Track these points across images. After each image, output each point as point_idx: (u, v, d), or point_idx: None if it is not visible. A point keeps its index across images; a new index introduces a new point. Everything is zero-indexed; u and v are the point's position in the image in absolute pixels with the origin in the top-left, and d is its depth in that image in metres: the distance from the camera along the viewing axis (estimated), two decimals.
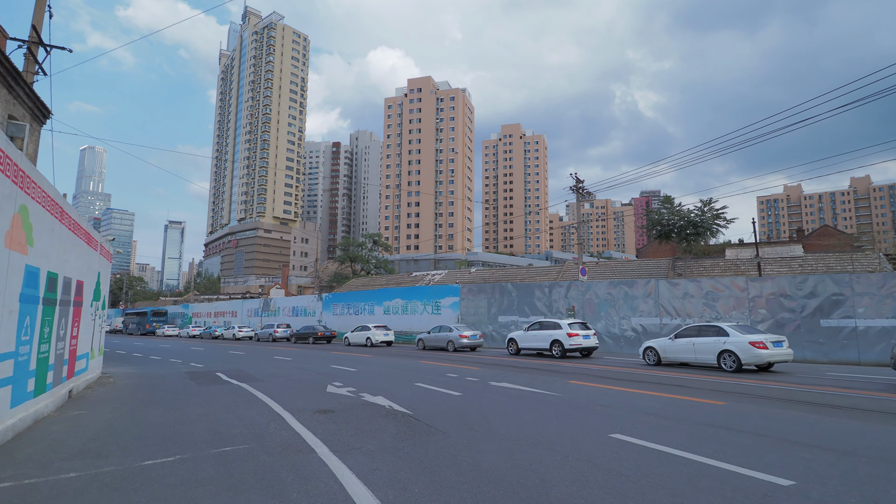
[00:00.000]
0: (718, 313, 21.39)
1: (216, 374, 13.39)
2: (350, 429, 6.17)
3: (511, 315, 26.17)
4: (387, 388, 9.92)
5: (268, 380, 11.72)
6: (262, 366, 15.73)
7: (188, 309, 60.07)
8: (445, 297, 28.64)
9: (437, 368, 14.22)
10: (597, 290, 24.07)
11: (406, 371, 13.56)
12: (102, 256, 12.15)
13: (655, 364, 14.75)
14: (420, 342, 24.29)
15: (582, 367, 14.59)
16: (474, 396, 8.73)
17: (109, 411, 7.82)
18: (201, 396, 9.17)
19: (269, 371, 13.93)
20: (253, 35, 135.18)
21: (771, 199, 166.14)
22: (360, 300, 34.56)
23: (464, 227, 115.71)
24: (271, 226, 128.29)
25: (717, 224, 27.27)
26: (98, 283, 11.71)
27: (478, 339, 22.65)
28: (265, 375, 12.72)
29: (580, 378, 11.49)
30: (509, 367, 14.33)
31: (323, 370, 13.97)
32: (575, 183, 25.26)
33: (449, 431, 5.92)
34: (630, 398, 8.46)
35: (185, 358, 19.97)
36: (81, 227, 9.74)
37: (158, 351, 25.18)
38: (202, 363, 17.19)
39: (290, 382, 11.15)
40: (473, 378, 11.48)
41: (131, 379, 12.55)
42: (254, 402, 8.43)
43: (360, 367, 14.90)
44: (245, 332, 39.00)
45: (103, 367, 15.39)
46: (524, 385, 10.11)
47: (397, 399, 8.42)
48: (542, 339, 18.41)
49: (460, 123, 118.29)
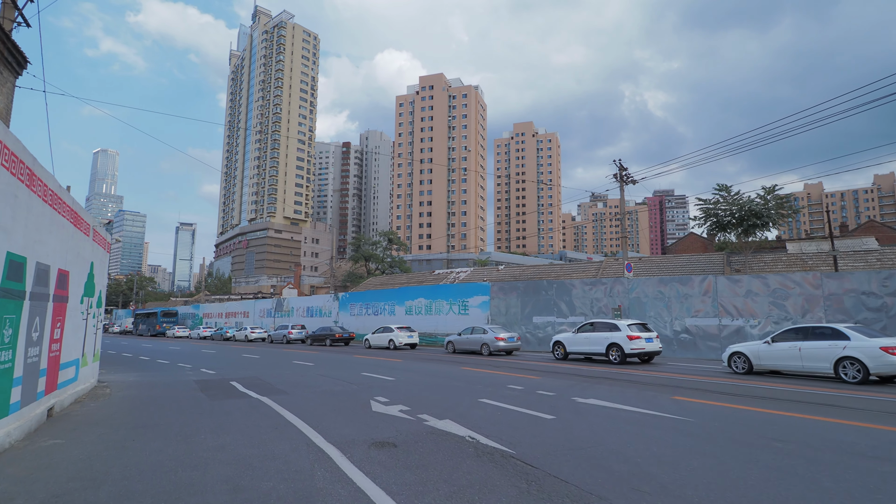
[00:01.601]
0: (788, 313, 19.06)
1: (231, 383, 11.41)
2: (435, 480, 4.10)
3: (547, 315, 23.99)
4: (447, 405, 7.85)
5: (293, 392, 9.71)
6: (282, 372, 13.75)
7: (199, 309, 58.54)
8: (474, 296, 26.52)
9: (488, 378, 12.12)
10: (645, 288, 21.82)
11: (454, 380, 11.47)
12: (97, 244, 10.22)
13: (746, 372, 12.51)
14: (449, 345, 22.21)
15: (660, 375, 12.40)
16: (576, 422, 6.61)
17: (93, 440, 5.84)
18: (214, 417, 7.16)
19: (292, 379, 11.93)
20: (263, 34, 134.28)
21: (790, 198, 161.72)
22: (379, 300, 32.54)
23: (476, 227, 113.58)
24: (282, 226, 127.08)
25: (781, 213, 24.80)
26: (91, 276, 9.78)
27: (515, 342, 20.51)
28: (288, 385, 10.72)
29: (681, 392, 9.32)
30: (574, 377, 12.19)
31: (354, 378, 11.94)
32: (619, 170, 23.01)
33: (602, 493, 3.82)
34: (802, 427, 6.28)
35: (196, 362, 18.08)
36: (65, 203, 7.79)
37: (167, 354, 23.37)
38: (214, 369, 15.26)
39: (321, 396, 9.12)
40: (547, 392, 9.36)
41: (132, 389, 10.61)
42: (283, 426, 6.40)
43: (397, 374, 12.85)
44: (258, 333, 37.21)
45: (102, 373, 13.53)
46: (622, 403, 7.97)
47: (474, 425, 6.33)
48: (596, 343, 16.24)
49: (473, 121, 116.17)
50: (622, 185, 23.03)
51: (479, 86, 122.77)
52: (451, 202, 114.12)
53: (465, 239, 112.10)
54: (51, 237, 7.00)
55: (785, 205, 25.25)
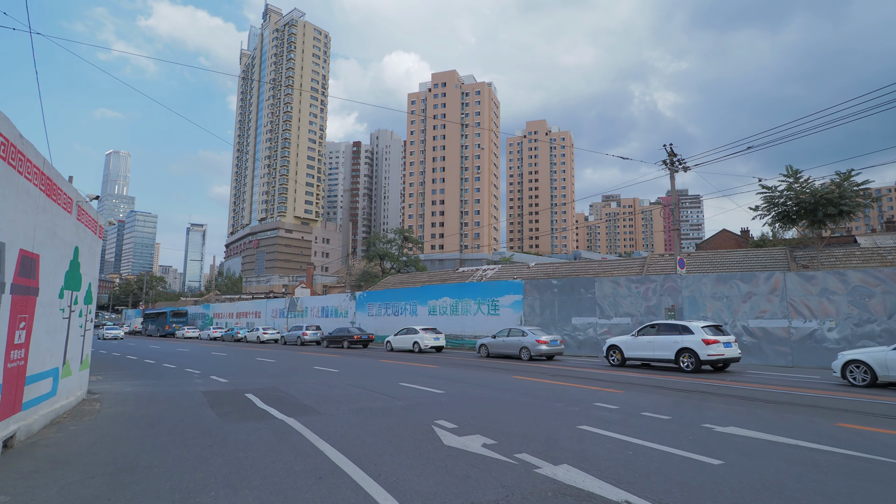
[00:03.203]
0: (871, 314, 16.78)
1: (246, 396, 9.47)
2: None
3: (588, 316, 21.82)
4: (541, 435, 5.79)
5: (324, 410, 7.73)
6: (304, 382, 11.79)
7: (209, 309, 57.01)
8: (504, 295, 24.40)
9: (557, 391, 10.06)
10: (700, 286, 19.60)
11: (518, 394, 9.42)
12: (83, 225, 8.30)
13: (868, 385, 10.31)
14: (482, 348, 20.15)
15: (767, 389, 10.25)
16: (757, 470, 4.52)
17: (50, 499, 3.87)
18: (228, 453, 5.18)
19: (318, 391, 9.96)
20: (274, 33, 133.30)
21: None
22: (399, 299, 30.54)
23: (490, 226, 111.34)
24: (292, 225, 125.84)
25: (858, 201, 22.35)
26: (75, 264, 7.87)
27: (558, 346, 18.40)
28: (317, 401, 8.74)
29: (838, 416, 7.17)
30: (664, 390, 10.08)
31: (393, 391, 9.94)
32: (668, 155, 20.80)
33: None
34: None
35: (205, 367, 16.22)
36: (33, 162, 5.86)
37: (175, 357, 21.59)
38: (226, 376, 13.36)
39: (363, 418, 7.11)
40: (655, 414, 7.24)
41: (127, 405, 8.70)
42: (329, 473, 4.39)
43: (442, 385, 10.82)
44: (270, 334, 35.42)
45: (97, 380, 11.66)
46: (779, 434, 5.86)
47: (610, 474, 4.27)
48: (663, 347, 14.09)
49: (486, 118, 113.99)
50: (672, 172, 20.81)
51: (493, 83, 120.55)
52: (463, 201, 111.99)
53: (478, 239, 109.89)
54: (4, 203, 5.08)
55: (863, 192, 22.77)
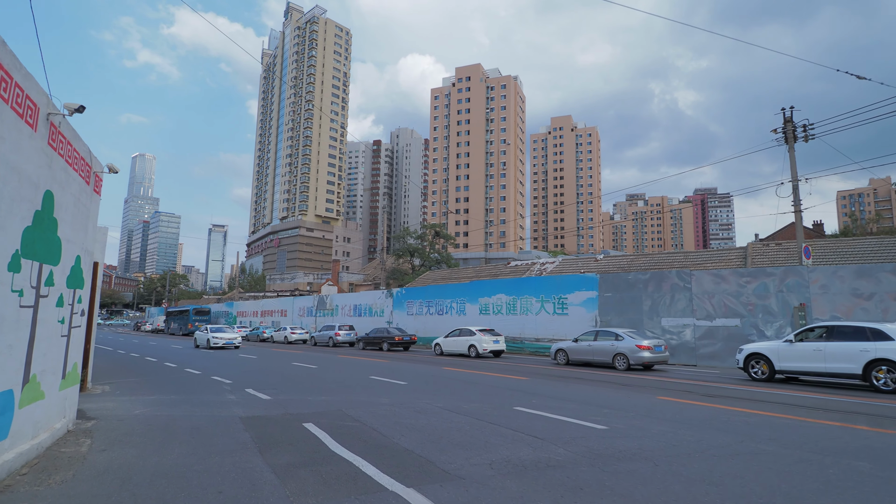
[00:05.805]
0: None
1: (305, 427, 6.34)
2: None
3: (681, 316, 18.26)
4: None
5: (451, 465, 4.52)
6: (374, 401, 8.64)
7: (232, 307, 54.71)
8: (574, 292, 20.95)
9: (776, 426, 6.69)
10: (832, 280, 15.90)
11: (739, 437, 6.08)
12: (62, 159, 5.22)
13: None
14: (560, 354, 16.77)
15: None
16: None
17: None
18: None
19: (409, 421, 6.78)
20: (295, 31, 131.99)
21: (854, 194, 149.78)
22: (443, 296, 27.31)
23: (516, 224, 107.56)
24: (313, 224, 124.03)
25: None
26: (45, 219, 4.80)
27: (663, 353, 14.93)
28: (420, 440, 5.55)
29: None
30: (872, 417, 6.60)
31: (517, 423, 6.70)
32: (784, 122, 17.12)
33: None
34: None
35: (236, 375, 13.24)
36: None
37: (198, 359, 18.76)
38: (265, 389, 10.31)
39: (521, 484, 3.86)
40: None
41: (129, 445, 5.63)
42: None
43: (587, 414, 7.53)
44: (299, 334, 32.62)
45: (102, 393, 8.59)
46: None
47: None
48: (839, 358, 10.54)
49: (512, 113, 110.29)
50: (791, 143, 17.10)
51: (518, 76, 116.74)
52: (488, 198, 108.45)
53: (503, 237, 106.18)
54: None
55: None
